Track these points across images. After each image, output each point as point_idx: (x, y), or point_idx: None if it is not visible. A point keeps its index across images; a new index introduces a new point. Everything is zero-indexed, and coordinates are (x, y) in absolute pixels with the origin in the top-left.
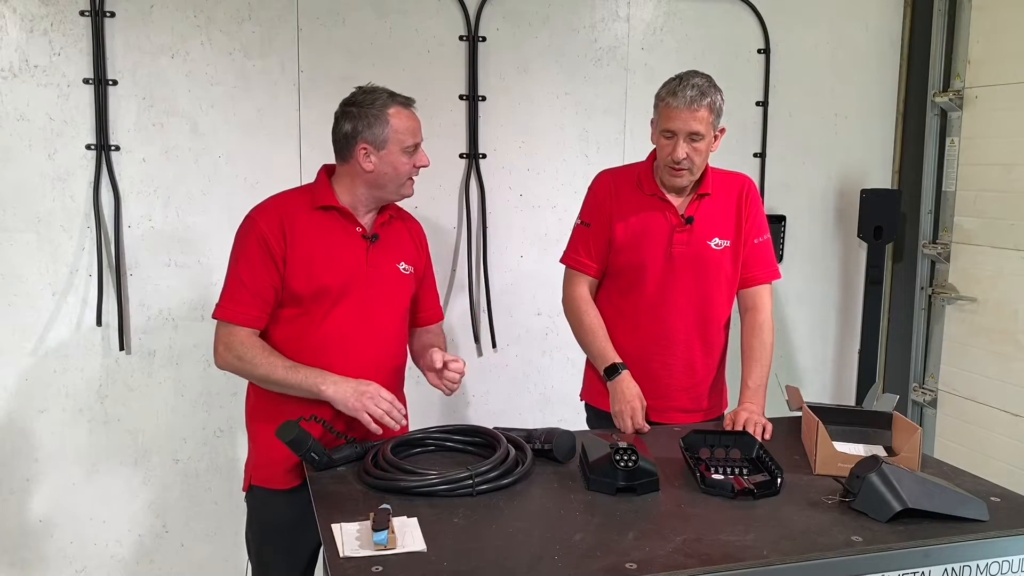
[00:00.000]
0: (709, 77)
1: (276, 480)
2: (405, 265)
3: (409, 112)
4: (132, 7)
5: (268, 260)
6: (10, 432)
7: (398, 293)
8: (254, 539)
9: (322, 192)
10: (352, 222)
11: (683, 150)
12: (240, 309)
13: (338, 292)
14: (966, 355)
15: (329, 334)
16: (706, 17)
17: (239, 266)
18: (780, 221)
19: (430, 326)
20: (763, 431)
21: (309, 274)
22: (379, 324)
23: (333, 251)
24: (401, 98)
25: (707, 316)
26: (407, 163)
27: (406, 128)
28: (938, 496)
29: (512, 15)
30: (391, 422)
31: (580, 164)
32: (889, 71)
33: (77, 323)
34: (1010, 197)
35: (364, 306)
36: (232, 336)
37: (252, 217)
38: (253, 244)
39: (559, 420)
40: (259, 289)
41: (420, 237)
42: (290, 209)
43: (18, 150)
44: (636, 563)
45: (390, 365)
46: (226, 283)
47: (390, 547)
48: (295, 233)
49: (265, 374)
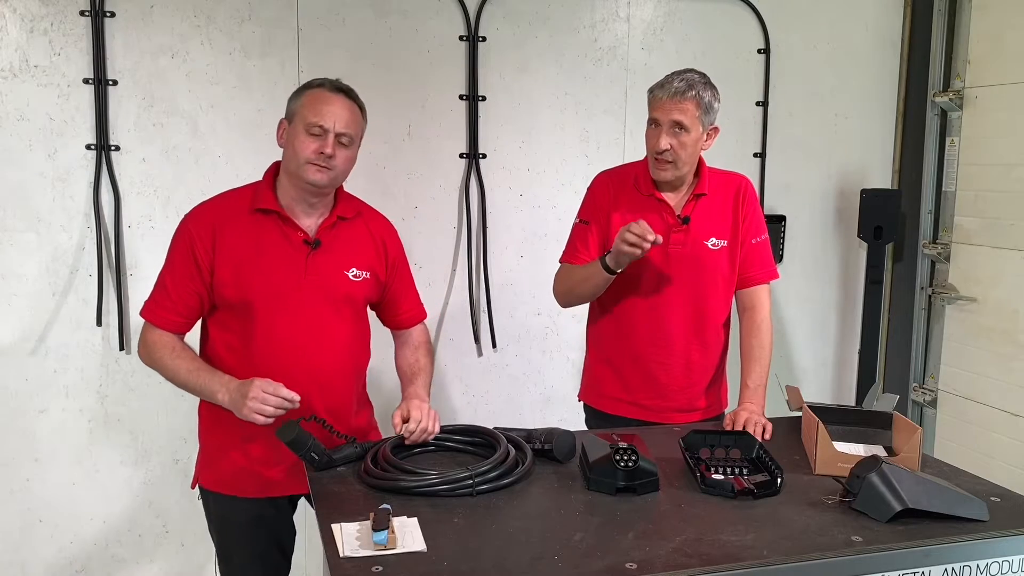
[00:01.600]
0: (704, 75)
1: (224, 487)
2: (356, 271)
3: (332, 96)
4: (132, 7)
5: (193, 269)
6: (10, 432)
7: (346, 300)
8: (213, 532)
9: (262, 193)
10: (292, 227)
11: (666, 140)
12: (162, 313)
13: (269, 301)
14: (966, 355)
15: (269, 342)
16: (706, 17)
17: (166, 270)
18: (780, 221)
19: (411, 329)
20: (763, 431)
21: (238, 283)
22: (324, 332)
23: (266, 259)
24: (334, 85)
25: (704, 316)
26: (308, 144)
27: (314, 106)
28: (938, 496)
29: (512, 15)
30: (279, 412)
31: (580, 164)
32: (889, 71)
33: (77, 323)
34: (1010, 197)
35: (305, 314)
36: (150, 335)
37: (185, 223)
38: (180, 251)
39: (559, 420)
40: (181, 296)
41: (385, 236)
42: (225, 214)
43: (18, 150)
44: (636, 563)
45: (343, 371)
46: (156, 283)
47: (390, 547)
48: (225, 241)
49: (171, 376)
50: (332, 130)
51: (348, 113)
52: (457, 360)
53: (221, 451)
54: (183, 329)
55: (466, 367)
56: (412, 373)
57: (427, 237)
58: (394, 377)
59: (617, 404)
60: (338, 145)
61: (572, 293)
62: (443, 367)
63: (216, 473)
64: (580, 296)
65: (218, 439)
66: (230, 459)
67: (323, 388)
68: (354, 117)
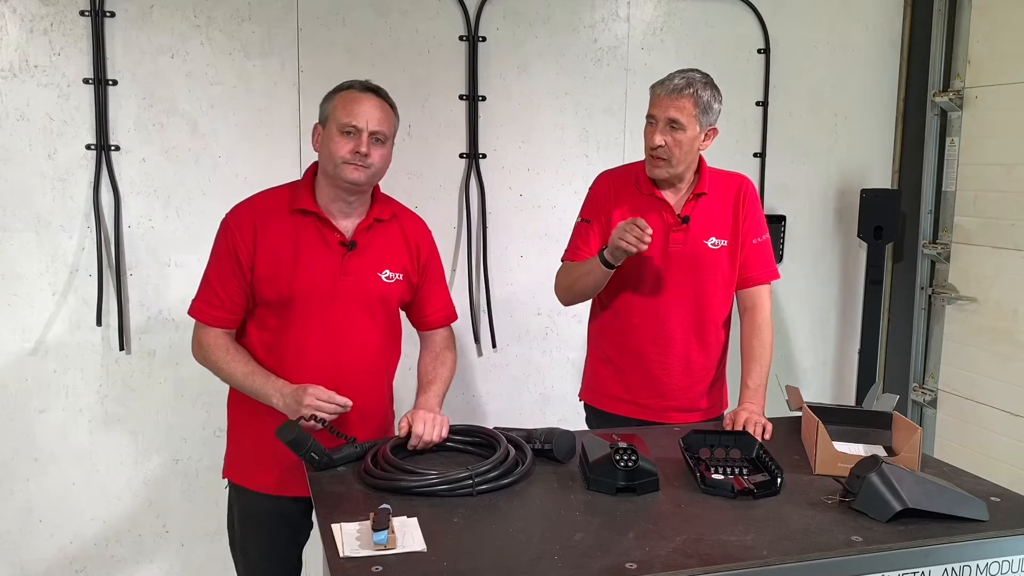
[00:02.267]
0: (707, 75)
1: (249, 482)
2: (390, 273)
3: (363, 96)
4: (132, 7)
5: (236, 266)
6: (10, 432)
7: (379, 301)
8: (235, 525)
9: (301, 193)
10: (330, 228)
11: (661, 137)
12: (210, 311)
13: (307, 301)
14: (966, 355)
15: (303, 341)
16: (706, 17)
17: (211, 268)
18: (780, 221)
19: (439, 329)
20: (763, 431)
21: (276, 282)
22: (356, 333)
23: (304, 259)
24: (363, 85)
25: (704, 315)
26: (342, 144)
27: (345, 106)
28: (938, 496)
29: (512, 15)
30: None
31: (580, 164)
32: (889, 71)
33: (77, 323)
34: (1010, 197)
35: (338, 315)
36: (205, 336)
37: (227, 221)
38: (224, 249)
39: (559, 420)
40: (228, 293)
41: (419, 238)
42: (266, 213)
43: (18, 150)
44: (636, 563)
45: (372, 370)
46: (201, 281)
47: (390, 547)
48: (266, 239)
49: (226, 376)
50: (365, 129)
51: (380, 112)
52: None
53: (249, 446)
54: (233, 325)
55: (466, 367)
56: (427, 382)
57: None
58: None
59: (617, 403)
60: (372, 143)
61: (572, 289)
62: None
63: (242, 467)
64: (580, 292)
65: (247, 434)
66: (257, 455)
67: (354, 388)
68: (386, 115)
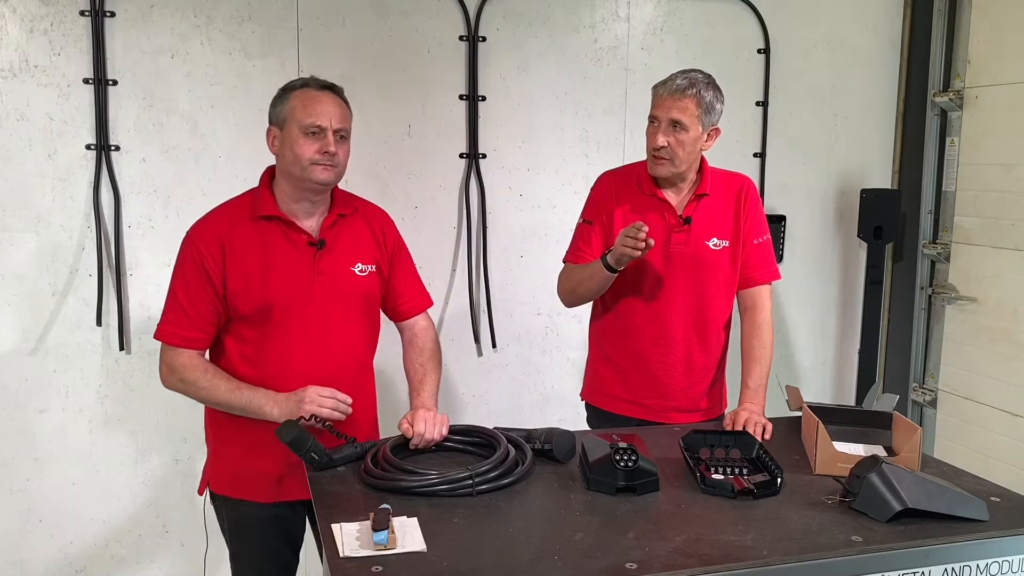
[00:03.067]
0: (709, 76)
1: (241, 492)
2: (362, 266)
3: (321, 95)
4: (132, 7)
5: (206, 282)
6: (10, 432)
7: (355, 296)
8: (226, 534)
9: (262, 199)
10: (295, 230)
11: (663, 138)
12: (180, 332)
13: (286, 307)
14: (966, 355)
15: (286, 347)
16: (706, 17)
17: (178, 288)
18: (780, 221)
19: (416, 318)
20: (763, 431)
21: (251, 292)
22: (338, 331)
23: (275, 265)
24: (318, 83)
25: (705, 316)
26: (308, 146)
27: (306, 107)
28: (938, 496)
29: (512, 15)
30: (339, 415)
31: (580, 164)
32: (889, 71)
33: (77, 323)
34: (1010, 197)
35: (318, 316)
36: (176, 358)
37: (190, 236)
38: (190, 267)
39: (559, 420)
40: (199, 311)
41: (384, 227)
42: (229, 224)
43: (18, 150)
44: (636, 563)
45: (355, 367)
46: (166, 303)
47: (390, 547)
48: (234, 253)
49: (207, 396)
50: (330, 128)
51: (340, 108)
52: (457, 360)
53: (235, 456)
54: (205, 346)
55: (466, 367)
56: (419, 382)
57: (427, 237)
58: None
59: (619, 403)
60: (337, 140)
61: (575, 292)
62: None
63: (229, 478)
64: (583, 295)
65: (231, 445)
66: (244, 464)
67: (346, 387)
68: (344, 111)
